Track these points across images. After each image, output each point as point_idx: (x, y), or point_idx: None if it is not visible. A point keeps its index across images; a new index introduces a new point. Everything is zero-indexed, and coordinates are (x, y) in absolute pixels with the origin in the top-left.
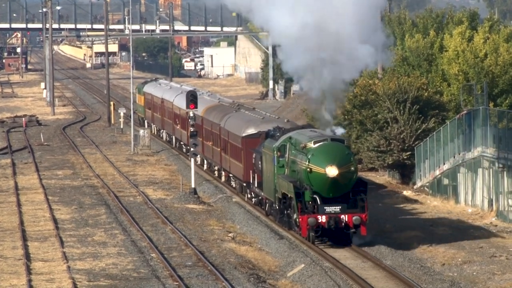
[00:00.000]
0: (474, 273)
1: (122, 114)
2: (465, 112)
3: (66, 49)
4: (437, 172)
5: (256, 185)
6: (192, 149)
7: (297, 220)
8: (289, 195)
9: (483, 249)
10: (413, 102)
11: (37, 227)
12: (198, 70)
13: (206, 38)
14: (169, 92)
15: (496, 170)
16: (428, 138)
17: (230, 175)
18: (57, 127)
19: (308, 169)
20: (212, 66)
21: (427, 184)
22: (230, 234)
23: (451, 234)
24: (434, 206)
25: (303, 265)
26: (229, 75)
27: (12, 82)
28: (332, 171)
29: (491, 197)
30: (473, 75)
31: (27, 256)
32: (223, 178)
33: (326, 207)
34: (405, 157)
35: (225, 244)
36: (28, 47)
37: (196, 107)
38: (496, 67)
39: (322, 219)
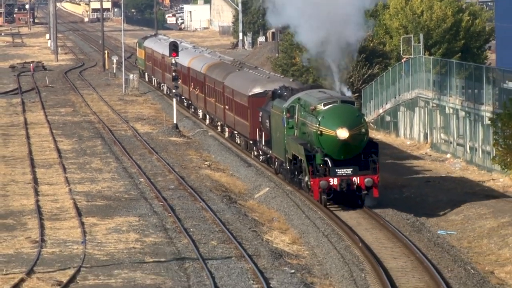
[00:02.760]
0: (412, 196)
1: (114, 61)
2: (404, 60)
3: (67, 6)
4: (381, 111)
5: (263, 144)
6: (174, 90)
7: (309, 183)
8: (299, 157)
9: (420, 175)
10: (360, 51)
11: (43, 156)
12: (179, 24)
13: None
14: (168, 48)
15: (430, 109)
16: (373, 82)
17: (235, 132)
18: (60, 72)
19: (319, 132)
20: (191, 20)
21: (372, 120)
22: (206, 162)
23: (393, 162)
24: (378, 139)
25: (268, 189)
26: (205, 28)
27: (22, 33)
28: (343, 133)
29: (426, 131)
30: (411, 29)
31: (35, 180)
32: (226, 134)
33: (338, 170)
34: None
35: (202, 171)
36: (35, 3)
37: (177, 55)
38: (431, 22)
39: (334, 181)
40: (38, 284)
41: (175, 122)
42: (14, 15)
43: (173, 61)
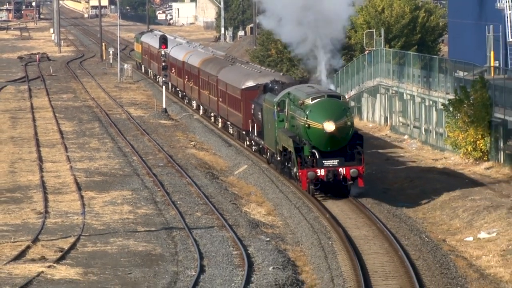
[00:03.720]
0: (373, 172)
1: (111, 53)
2: (367, 51)
3: (69, 3)
4: (346, 97)
5: (256, 134)
6: (163, 78)
7: (297, 174)
8: (289, 149)
9: (381, 154)
10: None
11: (47, 136)
12: (168, 19)
13: None
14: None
15: (390, 95)
16: (339, 71)
17: (228, 122)
18: (63, 62)
19: (307, 125)
20: (178, 16)
21: None
22: (192, 143)
23: None
24: None
25: (246, 166)
26: (191, 23)
27: (29, 28)
28: (329, 126)
29: (386, 115)
30: (374, 24)
31: (40, 158)
32: (219, 125)
33: (325, 161)
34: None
35: (188, 150)
36: (41, 1)
37: (166, 47)
38: (391, 18)
39: (321, 172)
40: (42, 250)
41: (164, 106)
42: (22, 12)
43: (163, 53)
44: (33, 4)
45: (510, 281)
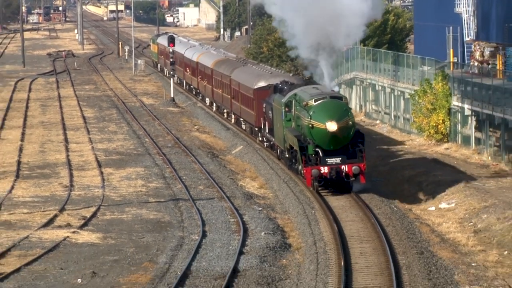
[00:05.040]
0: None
1: (126, 50)
2: (345, 49)
3: (91, 8)
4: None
5: (267, 131)
6: (171, 72)
7: (302, 171)
8: (294, 148)
9: None
10: None
11: (72, 121)
12: (175, 22)
13: (180, 1)
14: (179, 45)
15: (364, 86)
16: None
17: (241, 119)
18: (85, 58)
19: (310, 125)
20: (184, 19)
21: None
22: (195, 127)
23: None
24: None
25: (241, 146)
26: (195, 25)
27: (56, 29)
28: (332, 126)
29: (361, 103)
30: None
31: (66, 140)
32: (232, 120)
33: (328, 159)
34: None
35: (192, 133)
36: (67, 6)
37: (174, 46)
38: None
39: (325, 170)
40: (68, 218)
41: (172, 96)
42: (51, 15)
43: (171, 50)
44: (60, 8)
45: (466, 244)
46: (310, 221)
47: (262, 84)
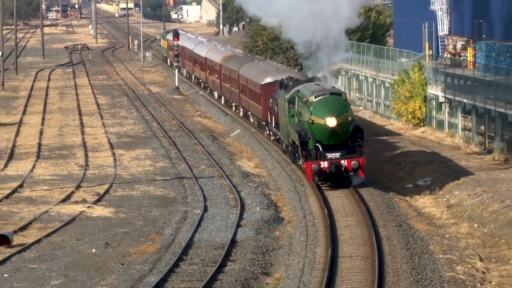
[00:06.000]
0: None
1: (136, 44)
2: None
3: (103, 6)
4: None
5: (273, 125)
6: (175, 64)
7: (302, 166)
8: (296, 143)
9: None
10: None
11: (87, 107)
12: (179, 18)
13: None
14: (188, 41)
15: (349, 76)
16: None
17: (249, 112)
18: (99, 51)
19: (310, 121)
20: (187, 16)
21: None
22: (197, 113)
23: None
24: None
25: (239, 130)
26: (197, 21)
27: (73, 24)
28: (331, 121)
29: (346, 91)
30: None
31: (82, 124)
32: (241, 113)
33: (328, 154)
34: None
35: (195, 118)
36: (82, 3)
37: (178, 40)
38: None
39: (324, 164)
40: (83, 194)
41: (176, 85)
42: (68, 12)
43: (175, 43)
44: (76, 6)
45: (440, 218)
46: (301, 197)
47: (268, 80)
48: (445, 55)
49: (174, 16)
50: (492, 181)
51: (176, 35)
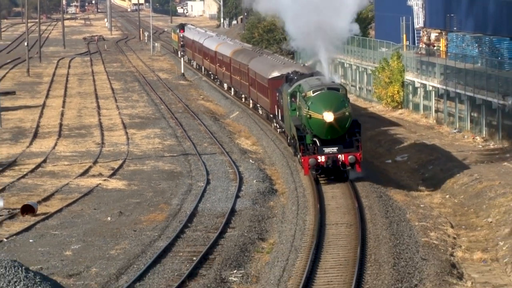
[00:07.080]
0: None
1: (146, 35)
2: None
3: (117, 1)
4: (307, 64)
5: (280, 118)
6: (181, 53)
7: (300, 160)
8: (294, 137)
9: None
10: None
11: (103, 92)
12: (185, 12)
13: None
14: (197, 35)
15: (336, 64)
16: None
17: (258, 105)
18: (113, 41)
19: (308, 115)
20: (192, 10)
21: None
22: (201, 96)
23: None
24: None
25: (238, 112)
26: (200, 15)
27: (90, 18)
28: (328, 116)
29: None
30: None
31: (98, 106)
32: (250, 105)
33: (325, 148)
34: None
35: (199, 101)
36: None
37: (184, 32)
38: None
39: (322, 159)
40: (100, 169)
41: (182, 72)
42: (86, 7)
43: (181, 35)
44: (93, 1)
45: (416, 189)
46: (292, 171)
47: (275, 74)
48: (420, 45)
49: (180, 10)
50: (462, 157)
51: (182, 27)
